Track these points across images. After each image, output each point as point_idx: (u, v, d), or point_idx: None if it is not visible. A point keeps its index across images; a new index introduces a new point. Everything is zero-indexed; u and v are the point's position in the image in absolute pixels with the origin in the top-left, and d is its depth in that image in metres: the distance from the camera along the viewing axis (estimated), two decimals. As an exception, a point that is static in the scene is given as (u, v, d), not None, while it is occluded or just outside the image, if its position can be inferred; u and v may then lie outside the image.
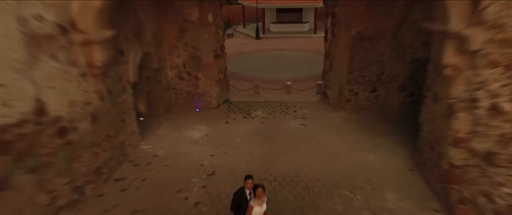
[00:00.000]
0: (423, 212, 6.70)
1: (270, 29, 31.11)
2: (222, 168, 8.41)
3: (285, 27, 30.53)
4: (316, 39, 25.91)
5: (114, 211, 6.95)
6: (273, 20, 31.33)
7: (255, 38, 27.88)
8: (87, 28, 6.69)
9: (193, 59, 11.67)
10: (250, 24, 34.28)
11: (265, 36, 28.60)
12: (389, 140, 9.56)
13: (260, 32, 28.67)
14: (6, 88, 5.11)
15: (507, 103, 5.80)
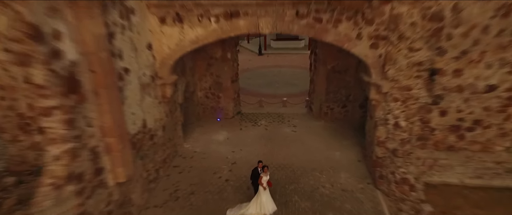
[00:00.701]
0: (360, 184, 11.41)
1: (270, 45, 35.87)
2: (240, 159, 13.13)
3: (284, 43, 35.29)
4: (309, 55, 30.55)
5: (178, 185, 11.66)
6: (274, 37, 36.10)
7: (258, 54, 32.64)
8: (164, 76, 11.44)
9: (216, 84, 16.43)
10: (253, 38, 39.01)
11: (267, 52, 33.36)
12: (350, 141, 14.26)
13: (262, 48, 33.43)
14: (134, 115, 9.84)
15: (403, 122, 10.55)
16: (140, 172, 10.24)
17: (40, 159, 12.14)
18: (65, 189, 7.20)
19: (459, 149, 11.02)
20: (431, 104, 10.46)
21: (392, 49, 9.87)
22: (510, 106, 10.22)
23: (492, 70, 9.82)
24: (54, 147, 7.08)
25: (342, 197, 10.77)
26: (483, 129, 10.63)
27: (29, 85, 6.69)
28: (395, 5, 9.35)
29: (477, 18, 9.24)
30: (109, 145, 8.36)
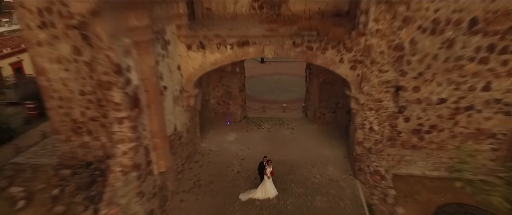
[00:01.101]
0: (344, 175, 14.45)
1: (272, 53, 38.82)
2: (248, 156, 16.16)
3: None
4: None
5: (199, 175, 14.70)
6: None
7: (260, 62, 35.66)
8: (189, 90, 14.48)
9: (227, 93, 19.47)
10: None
11: (268, 60, 36.36)
12: (338, 141, 17.29)
13: (264, 57, 36.37)
14: (169, 121, 12.87)
15: (376, 126, 13.59)
16: (173, 165, 13.29)
17: (88, 155, 15.44)
18: (130, 175, 10.22)
19: (420, 148, 14.10)
20: (397, 112, 13.54)
21: (366, 70, 12.90)
22: (457, 114, 13.29)
23: (442, 87, 12.89)
24: (123, 145, 10.07)
25: (329, 185, 13.81)
26: (438, 132, 13.71)
27: (108, 102, 9.65)
28: (368, 38, 12.38)
29: (428, 49, 12.32)
30: (156, 144, 11.42)
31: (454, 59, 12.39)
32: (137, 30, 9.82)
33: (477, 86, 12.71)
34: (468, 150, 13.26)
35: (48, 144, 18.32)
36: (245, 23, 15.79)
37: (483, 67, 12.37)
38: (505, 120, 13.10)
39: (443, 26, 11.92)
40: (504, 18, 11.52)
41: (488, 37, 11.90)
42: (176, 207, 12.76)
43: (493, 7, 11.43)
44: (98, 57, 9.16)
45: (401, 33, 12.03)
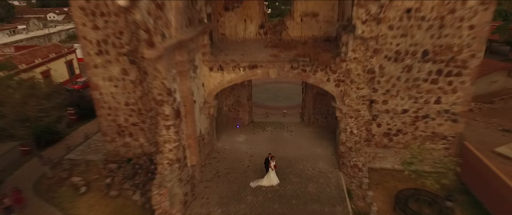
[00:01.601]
0: (331, 169, 18.46)
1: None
2: (255, 153, 20.16)
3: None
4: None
5: (217, 169, 18.72)
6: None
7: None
8: (210, 101, 18.52)
9: (237, 101, 23.50)
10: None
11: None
12: (328, 142, 21.29)
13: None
14: (196, 126, 16.89)
15: (355, 130, 17.61)
16: (199, 160, 17.32)
17: (129, 152, 19.52)
18: (173, 166, 14.24)
19: (390, 147, 18.13)
20: (371, 120, 17.56)
21: (347, 87, 16.90)
22: (417, 121, 17.32)
23: (404, 101, 16.93)
24: (169, 144, 14.06)
25: (319, 175, 17.82)
26: (403, 135, 17.74)
27: (159, 114, 13.63)
28: (348, 63, 16.37)
29: (393, 72, 16.36)
30: (189, 144, 15.46)
31: (413, 80, 16.44)
32: (181, 63, 13.87)
33: (431, 100, 16.75)
34: (426, 148, 17.28)
35: (91, 144, 22.40)
36: (253, 47, 19.87)
37: (434, 86, 16.42)
38: (453, 125, 17.14)
39: (403, 55, 15.98)
40: (447, 50, 15.57)
41: (436, 64, 15.95)
42: (202, 191, 16.78)
43: (439, 42, 15.48)
44: (154, 83, 13.14)
45: (372, 61, 16.01)
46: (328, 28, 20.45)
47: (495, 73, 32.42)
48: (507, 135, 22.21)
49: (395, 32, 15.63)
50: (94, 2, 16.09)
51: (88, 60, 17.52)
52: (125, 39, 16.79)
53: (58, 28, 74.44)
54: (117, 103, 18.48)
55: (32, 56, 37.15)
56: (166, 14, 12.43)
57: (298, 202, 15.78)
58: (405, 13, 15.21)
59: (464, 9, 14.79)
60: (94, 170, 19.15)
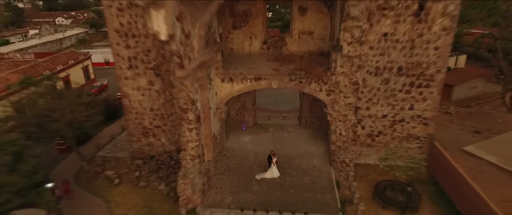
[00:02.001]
0: (323, 164, 21.91)
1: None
2: (259, 151, 23.61)
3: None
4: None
5: (227, 164, 22.17)
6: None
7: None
8: (221, 107, 21.98)
9: (243, 106, 26.94)
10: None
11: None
12: (322, 142, 24.72)
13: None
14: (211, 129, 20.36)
15: (344, 132, 21.05)
16: (213, 157, 20.78)
17: (152, 150, 23.00)
18: (195, 161, 17.70)
19: (373, 146, 21.57)
20: (357, 123, 21.01)
21: (336, 96, 20.31)
22: (394, 124, 20.77)
23: (384, 107, 20.37)
24: (191, 143, 17.49)
25: (313, 170, 21.27)
26: (383, 136, 21.18)
27: (184, 119, 17.04)
28: (337, 76, 19.77)
29: (373, 84, 19.81)
30: (206, 143, 18.92)
31: (390, 90, 19.89)
32: (201, 78, 17.34)
33: (405, 107, 20.21)
34: (402, 147, 20.76)
35: (117, 143, 25.88)
36: (258, 60, 23.31)
37: (407, 96, 19.87)
38: (424, 128, 20.60)
39: (382, 70, 19.43)
40: (418, 66, 19.01)
41: (409, 78, 19.40)
42: (216, 183, 20.23)
43: (410, 60, 18.93)
44: (181, 95, 16.57)
45: (356, 74, 19.43)
46: (321, 44, 23.86)
47: (475, 80, 35.95)
48: (477, 136, 25.74)
49: (375, 52, 19.08)
50: (127, 26, 19.56)
51: (119, 73, 20.99)
52: (152, 56, 20.25)
53: (68, 33, 77.70)
54: (143, 109, 21.95)
55: (54, 63, 40.58)
56: (191, 41, 15.90)
57: (295, 191, 19.23)
58: (383, 37, 18.66)
59: (430, 34, 18.23)
60: (123, 165, 22.63)
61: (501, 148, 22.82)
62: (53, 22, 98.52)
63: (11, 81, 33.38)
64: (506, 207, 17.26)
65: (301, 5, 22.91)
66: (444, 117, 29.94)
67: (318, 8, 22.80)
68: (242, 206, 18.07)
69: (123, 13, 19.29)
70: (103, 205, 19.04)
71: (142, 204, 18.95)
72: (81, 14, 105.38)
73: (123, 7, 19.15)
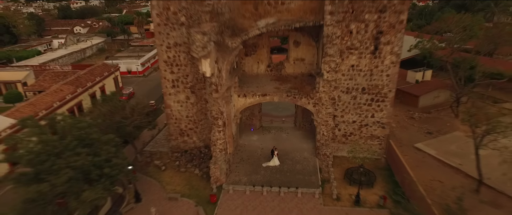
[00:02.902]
0: (311, 156, 30.26)
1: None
2: (265, 147, 31.97)
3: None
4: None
5: (241, 156, 30.56)
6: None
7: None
8: (237, 115, 30.35)
9: (251, 113, 35.33)
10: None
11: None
12: (311, 140, 33.03)
13: (270, 81, 52.14)
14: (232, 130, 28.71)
15: (325, 132, 29.48)
16: (232, 150, 29.14)
17: (185, 146, 31.84)
18: (222, 153, 26.06)
19: (346, 143, 29.96)
20: (335, 126, 29.40)
21: (320, 108, 28.65)
22: (361, 128, 29.17)
23: (353, 116, 28.79)
24: (219, 140, 25.82)
25: (303, 160, 29.63)
26: (354, 136, 29.58)
27: (214, 125, 25.37)
28: (320, 94, 28.10)
29: (345, 99, 28.24)
30: (228, 140, 27.31)
31: (357, 104, 28.28)
32: (226, 97, 25.72)
33: (368, 115, 28.59)
34: (367, 144, 29.12)
35: (157, 141, 34.25)
36: (263, 80, 31.66)
37: (370, 107, 28.25)
38: (382, 130, 28.97)
39: (351, 90, 27.82)
40: (376, 88, 27.39)
41: (370, 95, 27.78)
42: (234, 169, 28.57)
43: (371, 83, 27.31)
44: (214, 108, 24.92)
45: (333, 93, 27.80)
46: (311, 68, 32.17)
47: (438, 90, 44.22)
48: (428, 136, 34.14)
49: (345, 77, 27.45)
50: (173, 58, 27.95)
51: (165, 91, 29.38)
52: (189, 79, 28.64)
53: (89, 43, 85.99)
54: (181, 116, 30.35)
55: (93, 75, 48.97)
56: (222, 74, 24.28)
57: (290, 174, 27.59)
58: (351, 67, 27.03)
59: (383, 65, 26.60)
60: (165, 157, 31.03)
61: (441, 145, 31.22)
62: (71, 30, 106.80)
63: (65, 92, 41.80)
64: (432, 183, 25.69)
65: (296, 39, 31.23)
66: (408, 121, 38.35)
67: (308, 42, 31.12)
68: (253, 183, 26.47)
69: (170, 49, 27.70)
70: (158, 184, 27.45)
71: (184, 183, 27.35)
72: (96, 22, 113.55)
73: (170, 46, 27.56)
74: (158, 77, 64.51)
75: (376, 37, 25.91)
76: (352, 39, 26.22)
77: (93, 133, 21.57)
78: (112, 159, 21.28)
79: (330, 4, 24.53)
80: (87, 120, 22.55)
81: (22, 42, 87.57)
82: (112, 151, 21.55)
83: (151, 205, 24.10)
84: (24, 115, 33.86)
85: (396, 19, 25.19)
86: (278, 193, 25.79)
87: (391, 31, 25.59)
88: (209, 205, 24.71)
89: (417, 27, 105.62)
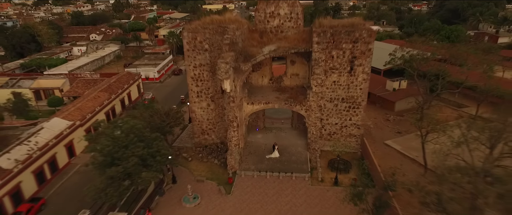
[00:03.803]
0: (304, 151, 39.10)
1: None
2: (268, 143, 40.77)
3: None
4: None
5: (250, 150, 39.40)
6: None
7: (269, 92, 60.15)
8: (246, 118, 39.17)
9: (257, 116, 44.15)
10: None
11: (274, 90, 60.86)
12: (304, 138, 41.77)
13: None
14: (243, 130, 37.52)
15: (314, 131, 38.38)
16: (243, 145, 37.94)
17: (206, 142, 41.20)
18: (236, 147, 34.89)
19: (330, 140, 38.81)
20: (321, 128, 38.23)
21: (310, 113, 37.44)
22: (342, 128, 38.01)
23: (336, 119, 37.68)
24: (234, 138, 34.62)
25: (297, 153, 38.45)
26: (336, 135, 38.45)
27: (230, 126, 34.16)
28: (310, 102, 36.87)
29: (329, 107, 37.09)
30: (240, 138, 36.13)
31: (338, 110, 37.13)
32: (239, 105, 34.54)
33: (347, 119, 37.44)
34: (347, 141, 37.94)
35: (182, 139, 43.11)
36: (266, 90, 40.48)
37: (348, 113, 37.13)
38: (358, 130, 37.82)
39: (333, 99, 36.67)
40: (352, 98, 36.25)
41: (348, 104, 36.63)
42: (245, 159, 37.35)
43: (348, 94, 36.17)
44: (230, 113, 33.73)
45: (320, 101, 36.61)
46: (303, 81, 40.92)
47: (411, 97, 52.94)
48: (398, 135, 43.00)
49: (329, 90, 36.26)
50: (198, 75, 36.76)
51: (191, 99, 38.22)
52: (210, 91, 37.46)
53: (107, 50, 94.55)
54: (202, 118, 39.17)
55: (121, 83, 57.70)
56: (237, 88, 33.07)
57: (287, 163, 36.41)
58: (333, 82, 35.84)
59: (357, 81, 35.39)
60: (190, 151, 39.87)
61: (405, 142, 40.04)
62: (87, 37, 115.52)
63: (102, 98, 50.59)
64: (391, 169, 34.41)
65: (292, 59, 40.00)
66: (384, 122, 47.19)
67: (301, 61, 39.90)
68: (259, 170, 35.30)
69: (196, 68, 36.54)
70: (187, 171, 36.28)
71: (207, 170, 36.20)
72: (109, 30, 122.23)
73: (196, 66, 36.41)
74: (173, 83, 73.89)
75: (351, 60, 34.73)
76: (334, 62, 35.04)
77: (145, 132, 30.39)
78: (161, 150, 30.08)
79: (317, 36, 33.42)
80: (140, 123, 31.33)
81: (45, 49, 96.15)
82: (160, 145, 30.35)
83: (186, 185, 32.86)
84: (75, 117, 42.86)
85: (366, 47, 34.00)
86: (278, 177, 34.61)
87: (362, 56, 34.40)
88: (227, 185, 33.53)
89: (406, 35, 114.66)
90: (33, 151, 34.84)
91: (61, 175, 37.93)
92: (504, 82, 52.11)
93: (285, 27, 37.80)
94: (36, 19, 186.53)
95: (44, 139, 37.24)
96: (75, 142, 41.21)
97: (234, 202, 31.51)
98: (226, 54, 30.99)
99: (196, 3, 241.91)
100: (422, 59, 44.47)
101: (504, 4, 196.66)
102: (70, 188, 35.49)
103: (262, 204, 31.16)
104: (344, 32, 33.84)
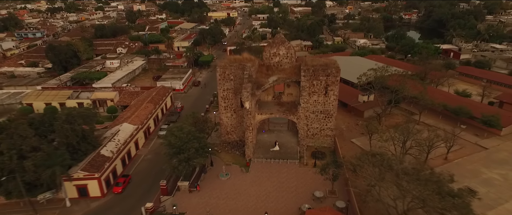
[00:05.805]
0: (296, 145, 58.07)
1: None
2: (271, 140, 59.69)
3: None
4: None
5: (259, 145, 58.33)
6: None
7: (271, 102, 79.01)
8: (257, 123, 58.13)
9: (263, 121, 63.09)
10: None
11: (275, 100, 79.73)
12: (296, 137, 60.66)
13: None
14: (254, 131, 56.45)
15: (303, 133, 57.40)
16: (255, 142, 56.85)
17: (230, 139, 61.18)
18: (252, 143, 53.78)
19: (313, 138, 57.79)
20: (307, 130, 57.23)
21: (300, 120, 56.30)
22: (321, 131, 57.10)
23: (317, 124, 56.71)
24: (250, 137, 53.47)
25: (291, 147, 57.33)
26: (317, 135, 57.45)
27: (247, 130, 52.98)
28: (300, 113, 55.75)
29: (312, 117, 56.15)
30: (253, 137, 55.06)
31: (319, 119, 56.13)
32: (254, 116, 53.52)
33: (324, 124, 56.48)
34: (324, 139, 56.91)
35: (212, 137, 62.14)
36: (271, 104, 59.49)
37: (324, 121, 56.16)
38: (331, 132, 56.83)
39: (315, 111, 55.71)
40: (327, 111, 55.29)
41: (324, 115, 55.70)
42: (256, 151, 56.21)
43: (324, 108, 55.26)
44: (248, 121, 52.62)
45: (306, 113, 55.46)
46: (296, 98, 59.67)
47: (376, 107, 71.82)
48: (362, 135, 62.11)
49: (312, 105, 55.22)
50: (226, 94, 55.73)
51: (221, 110, 57.21)
52: (234, 104, 56.43)
53: (137, 64, 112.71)
54: (227, 124, 58.15)
55: (159, 95, 76.42)
56: (252, 105, 52.00)
57: (284, 154, 55.30)
58: (314, 101, 54.84)
59: (329, 100, 54.35)
60: (219, 146, 58.83)
61: (365, 140, 59.01)
62: (114, 50, 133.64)
63: (150, 108, 69.41)
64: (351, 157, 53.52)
65: (288, 84, 58.84)
66: (354, 126, 66.16)
67: (294, 85, 58.69)
68: (266, 158, 54.28)
69: (225, 91, 55.53)
70: (218, 159, 55.23)
71: (232, 158, 55.18)
72: (133, 43, 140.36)
73: (225, 89, 55.41)
74: (194, 94, 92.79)
75: (326, 87, 53.67)
76: (314, 88, 53.99)
77: (196, 133, 49.34)
78: (207, 144, 49.02)
79: (303, 71, 52.43)
80: (192, 127, 50.30)
81: (83, 63, 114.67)
82: (204, 141, 49.30)
83: (220, 167, 51.60)
84: (137, 122, 61.78)
85: (335, 79, 52.95)
86: (278, 162, 53.52)
87: (332, 84, 53.36)
88: (246, 167, 52.45)
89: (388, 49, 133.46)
90: (120, 145, 53.79)
91: (133, 162, 56.93)
92: (439, 94, 71.57)
93: (283, 63, 56.80)
94: (57, 29, 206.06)
95: (123, 137, 56.18)
96: (139, 139, 60.22)
97: (251, 176, 50.44)
98: (246, 85, 49.88)
99: (202, 10, 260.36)
100: (386, 76, 63.45)
101: (484, 16, 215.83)
102: (143, 169, 54.51)
103: (268, 177, 50.07)
104: (321, 69, 52.71)
